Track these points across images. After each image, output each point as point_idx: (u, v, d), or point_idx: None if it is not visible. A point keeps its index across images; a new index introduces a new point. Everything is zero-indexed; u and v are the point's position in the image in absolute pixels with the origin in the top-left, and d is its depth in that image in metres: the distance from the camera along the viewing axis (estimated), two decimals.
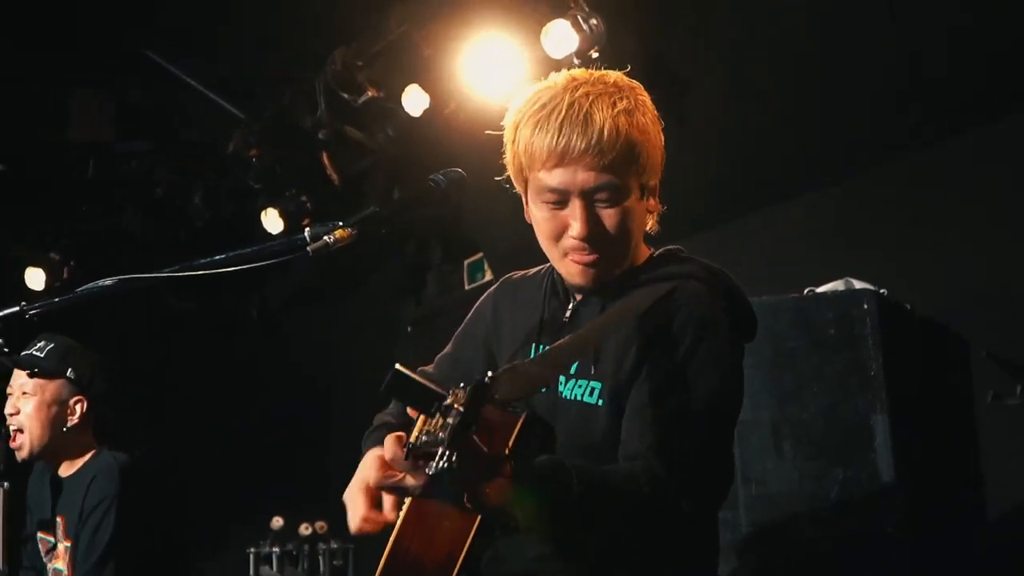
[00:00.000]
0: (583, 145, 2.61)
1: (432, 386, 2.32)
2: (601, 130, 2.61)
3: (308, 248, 2.56)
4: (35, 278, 8.80)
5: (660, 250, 2.87)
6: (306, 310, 9.29)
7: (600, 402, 2.69)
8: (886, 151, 5.38)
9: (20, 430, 4.60)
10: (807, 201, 5.66)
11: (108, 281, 2.62)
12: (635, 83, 2.76)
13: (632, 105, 2.66)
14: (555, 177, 2.66)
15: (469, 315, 3.13)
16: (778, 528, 3.84)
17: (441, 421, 2.28)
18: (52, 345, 4.65)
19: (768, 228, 5.74)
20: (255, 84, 7.36)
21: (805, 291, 4.05)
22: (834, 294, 4.00)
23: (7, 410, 4.63)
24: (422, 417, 2.47)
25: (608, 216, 2.68)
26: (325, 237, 2.56)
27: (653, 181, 2.73)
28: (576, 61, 5.31)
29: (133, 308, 8.50)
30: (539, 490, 2.44)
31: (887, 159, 5.40)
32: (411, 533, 2.65)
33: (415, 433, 2.42)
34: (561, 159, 2.64)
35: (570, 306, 2.84)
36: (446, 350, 3.14)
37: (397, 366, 2.31)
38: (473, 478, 2.34)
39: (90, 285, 2.66)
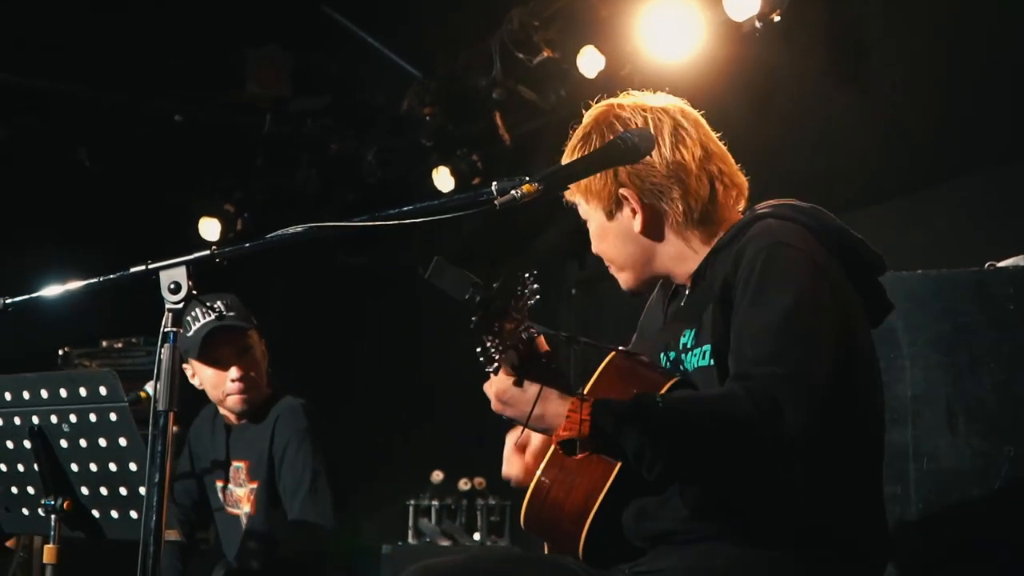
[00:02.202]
0: None
1: (470, 275, 2.53)
2: None
3: (495, 202, 2.58)
4: (209, 228, 9.03)
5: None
6: (472, 269, 9.34)
7: (711, 361, 2.73)
8: None
9: (250, 389, 4.69)
10: (990, 174, 5.51)
11: (298, 228, 2.67)
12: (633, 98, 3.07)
13: (577, 142, 3.09)
14: None
15: (644, 311, 3.27)
16: (948, 504, 3.77)
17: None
18: (227, 300, 4.70)
19: (950, 200, 5.59)
20: (431, 43, 7.42)
21: (985, 265, 3.95)
22: (1015, 269, 3.88)
23: (233, 375, 4.67)
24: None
25: (594, 239, 3.05)
26: (512, 191, 2.57)
27: (609, 205, 2.96)
28: (757, 24, 5.22)
29: (303, 260, 8.67)
30: (621, 411, 2.55)
31: None
32: (551, 479, 2.76)
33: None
34: None
35: (685, 291, 2.96)
36: (631, 343, 3.25)
37: (438, 257, 2.56)
38: (530, 376, 2.56)
39: (280, 232, 2.71)
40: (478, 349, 2.44)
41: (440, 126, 7.53)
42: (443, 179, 7.69)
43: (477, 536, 8.07)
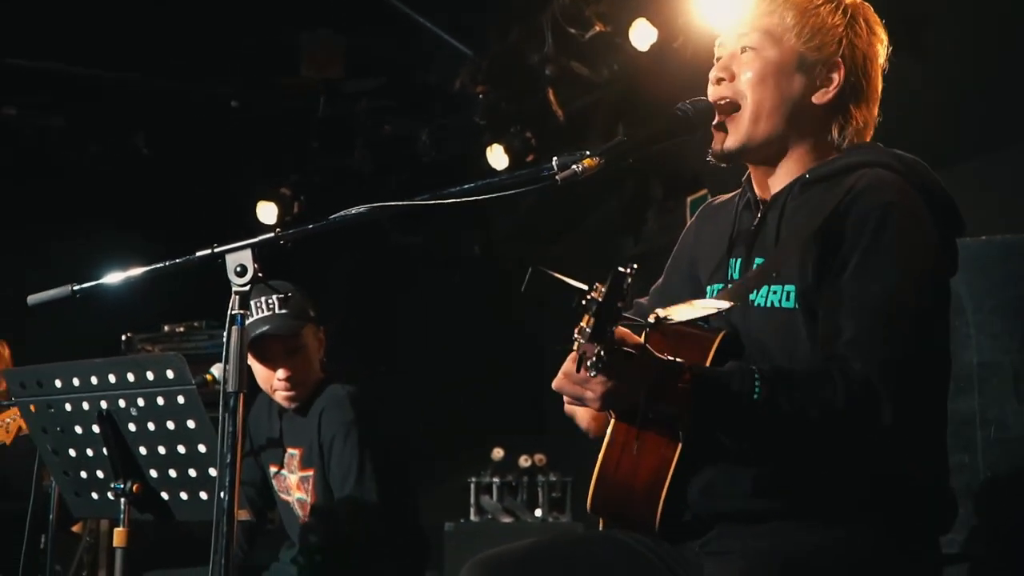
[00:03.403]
0: (740, 4, 2.84)
1: (571, 282, 2.41)
2: None
3: (557, 177, 2.57)
4: (267, 212, 9.11)
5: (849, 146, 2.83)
6: (526, 247, 9.35)
7: (796, 305, 2.65)
8: None
9: (298, 386, 4.63)
10: None
11: (360, 208, 2.67)
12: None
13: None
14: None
15: (675, 247, 3.17)
16: (1017, 472, 3.74)
17: (589, 319, 2.33)
18: (286, 294, 4.62)
19: (1013, 165, 5.53)
20: (483, 21, 7.41)
21: None
22: None
23: (280, 376, 4.60)
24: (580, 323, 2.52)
25: (741, 60, 2.79)
26: (574, 166, 2.56)
27: (815, 55, 2.77)
28: None
29: (358, 242, 8.71)
30: (721, 393, 2.49)
31: None
32: (615, 460, 2.70)
33: (574, 339, 2.46)
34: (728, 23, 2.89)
35: (758, 214, 2.83)
36: (657, 283, 3.17)
37: (533, 268, 2.43)
38: (647, 374, 2.44)
39: (342, 213, 2.72)
40: (592, 359, 2.32)
41: (493, 104, 7.53)
42: (497, 157, 7.70)
43: (539, 512, 8.10)
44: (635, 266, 2.31)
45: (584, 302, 2.32)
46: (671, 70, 6.32)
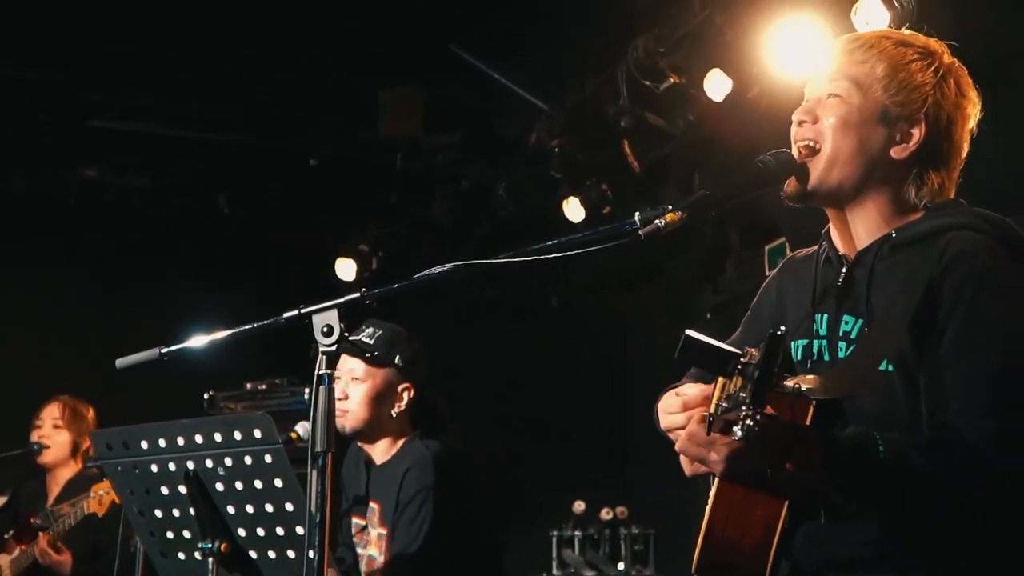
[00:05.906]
0: (833, 50, 2.85)
1: (725, 346, 2.39)
2: (851, 39, 2.84)
3: (639, 232, 2.58)
4: (345, 269, 9.18)
5: (933, 204, 2.80)
6: (604, 298, 9.35)
7: (891, 367, 2.62)
8: None
9: (346, 412, 4.69)
10: None
11: (444, 268, 2.69)
12: (943, 49, 2.84)
13: (901, 42, 2.80)
14: None
15: (755, 299, 3.15)
16: None
17: (740, 381, 2.32)
18: (381, 332, 4.74)
19: None
20: (558, 75, 7.45)
21: None
22: None
23: (337, 394, 4.60)
24: (719, 387, 2.51)
25: (827, 105, 2.78)
26: (656, 221, 2.57)
27: (899, 110, 2.76)
28: None
29: (436, 296, 8.73)
30: (849, 462, 2.47)
31: None
32: (723, 519, 2.66)
33: (714, 403, 2.42)
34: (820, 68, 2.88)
35: (843, 270, 2.80)
36: (734, 335, 3.14)
37: (688, 331, 2.40)
38: (779, 441, 2.41)
39: (426, 272, 2.74)
40: (744, 423, 2.27)
41: (569, 157, 7.54)
42: (573, 210, 7.70)
43: (621, 566, 8.07)
44: (783, 328, 2.32)
45: (739, 367, 2.32)
46: (746, 120, 6.29)
